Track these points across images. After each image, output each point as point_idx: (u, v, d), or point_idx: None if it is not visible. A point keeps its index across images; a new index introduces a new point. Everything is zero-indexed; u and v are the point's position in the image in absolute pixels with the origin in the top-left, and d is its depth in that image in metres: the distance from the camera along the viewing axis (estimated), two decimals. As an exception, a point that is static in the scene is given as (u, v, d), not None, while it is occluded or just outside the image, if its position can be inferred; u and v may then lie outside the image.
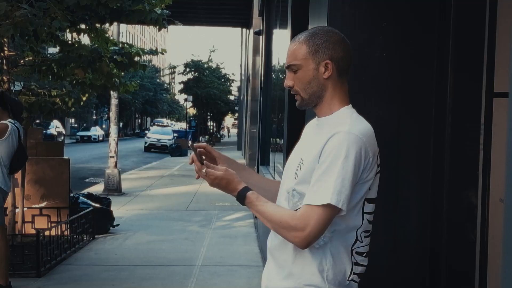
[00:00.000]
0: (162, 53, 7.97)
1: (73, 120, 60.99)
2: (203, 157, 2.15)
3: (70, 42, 7.01)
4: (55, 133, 38.32)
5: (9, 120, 5.69)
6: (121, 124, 60.83)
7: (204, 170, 2.02)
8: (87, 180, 17.83)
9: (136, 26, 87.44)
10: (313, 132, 2.05)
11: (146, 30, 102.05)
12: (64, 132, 42.97)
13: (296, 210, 1.90)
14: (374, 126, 3.04)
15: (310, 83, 1.95)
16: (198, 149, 2.14)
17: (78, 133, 48.55)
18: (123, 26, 72.43)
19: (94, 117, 67.04)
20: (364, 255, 1.95)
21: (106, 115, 58.78)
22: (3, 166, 5.61)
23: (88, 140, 45.97)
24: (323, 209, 1.80)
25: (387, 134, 2.98)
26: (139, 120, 78.25)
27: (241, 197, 1.96)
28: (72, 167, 21.11)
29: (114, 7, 6.60)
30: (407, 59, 2.98)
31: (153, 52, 7.86)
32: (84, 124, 58.30)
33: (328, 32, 1.96)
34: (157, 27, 7.08)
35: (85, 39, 7.99)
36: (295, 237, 1.83)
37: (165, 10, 6.95)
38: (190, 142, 2.08)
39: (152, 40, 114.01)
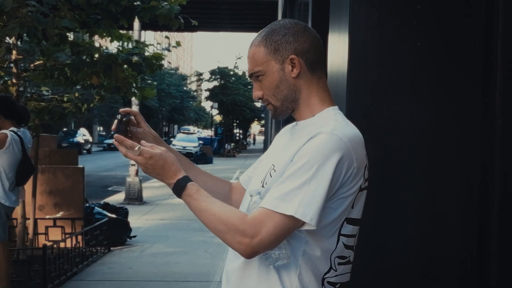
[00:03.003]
0: (175, 47, 7.59)
1: (101, 128, 61.28)
2: (129, 129, 1.80)
3: (80, 43, 6.65)
4: (82, 141, 38.34)
5: (11, 129, 5.34)
6: (148, 131, 60.72)
7: (137, 148, 1.66)
8: (110, 188, 17.62)
9: (164, 33, 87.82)
10: (289, 137, 1.75)
11: (173, 37, 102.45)
12: (91, 140, 43.01)
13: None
14: (407, 130, 2.58)
15: (279, 87, 1.68)
16: (126, 116, 1.80)
17: (105, 141, 48.60)
18: (149, 34, 72.53)
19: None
20: (337, 286, 1.64)
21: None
22: (5, 179, 5.25)
23: (116, 148, 45.86)
24: (283, 219, 1.51)
25: (423, 140, 2.50)
26: (166, 128, 78.40)
27: (180, 187, 1.62)
28: (96, 175, 21.01)
29: (126, 5, 6.24)
30: (447, 49, 2.48)
31: (168, 48, 7.48)
32: (112, 132, 58.39)
33: (285, 24, 1.70)
34: (173, 27, 6.66)
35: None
36: (240, 243, 1.53)
37: (176, 7, 6.54)
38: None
39: (179, 47, 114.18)
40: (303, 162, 1.53)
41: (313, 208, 1.50)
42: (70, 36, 6.92)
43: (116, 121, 1.76)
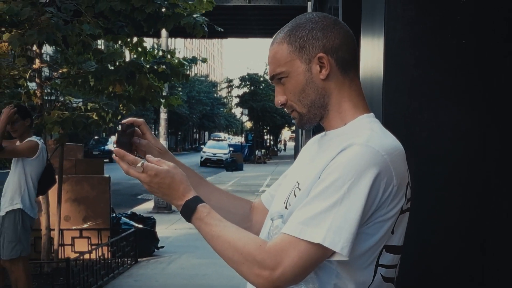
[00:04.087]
0: (203, 62, 7.39)
1: (132, 136, 61.80)
2: (134, 140, 1.59)
3: (102, 49, 6.52)
4: (113, 148, 38.62)
5: (35, 137, 5.23)
6: (178, 138, 61.13)
7: (140, 164, 1.44)
8: (139, 196, 17.55)
9: (193, 40, 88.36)
10: (316, 149, 1.50)
11: (203, 44, 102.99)
12: (122, 147, 43.27)
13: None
14: (451, 139, 2.29)
15: (305, 90, 1.43)
16: (129, 128, 1.57)
17: (136, 149, 48.87)
18: (179, 41, 72.73)
19: (153, 132, 67.75)
20: None
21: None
22: (32, 189, 5.12)
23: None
24: (309, 247, 1.27)
25: (471, 148, 2.22)
26: (197, 135, 78.68)
27: (189, 210, 1.39)
28: (126, 183, 21.02)
29: (151, 12, 6.08)
30: (496, 47, 2.20)
31: (193, 60, 7.29)
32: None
33: (312, 18, 1.45)
34: (198, 35, 6.47)
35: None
36: (259, 276, 1.29)
37: (203, 17, 6.36)
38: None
39: (209, 54, 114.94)
40: (333, 180, 1.29)
41: (344, 235, 1.26)
42: (101, 45, 6.81)
43: (117, 133, 1.53)
